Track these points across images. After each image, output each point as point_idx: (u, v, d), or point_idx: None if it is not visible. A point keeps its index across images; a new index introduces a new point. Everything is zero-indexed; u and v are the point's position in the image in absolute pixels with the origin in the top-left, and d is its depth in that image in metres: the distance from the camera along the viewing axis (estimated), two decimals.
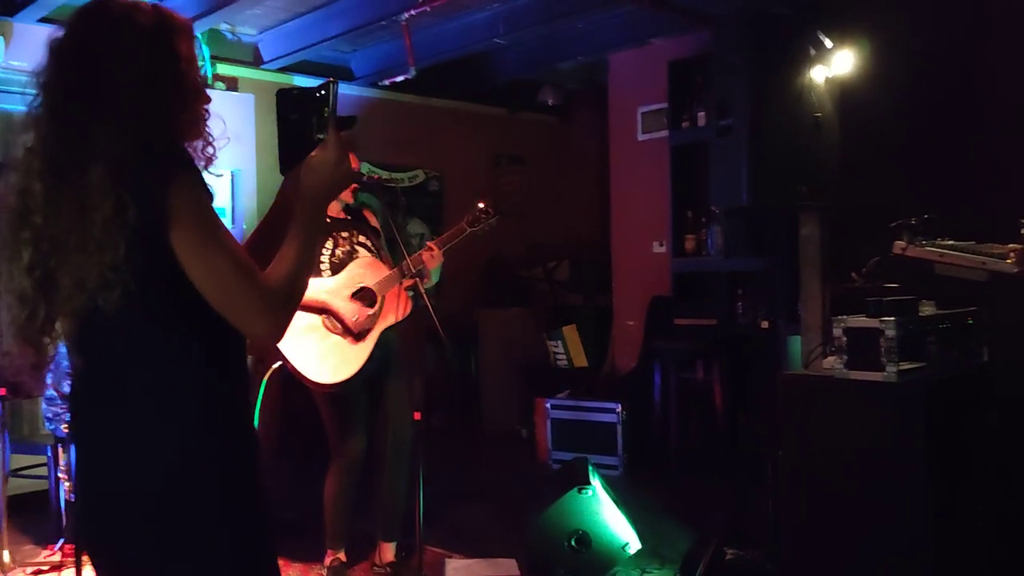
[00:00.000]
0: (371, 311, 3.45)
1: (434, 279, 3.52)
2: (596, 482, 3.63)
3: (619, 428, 5.42)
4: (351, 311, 3.40)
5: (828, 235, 3.64)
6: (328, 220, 3.47)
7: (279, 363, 3.41)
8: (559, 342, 6.40)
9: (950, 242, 2.94)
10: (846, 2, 3.65)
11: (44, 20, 5.02)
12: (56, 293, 1.43)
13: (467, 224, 3.56)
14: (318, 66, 6.34)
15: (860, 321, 2.61)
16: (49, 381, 4.25)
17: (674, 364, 5.42)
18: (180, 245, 1.41)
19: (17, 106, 5.61)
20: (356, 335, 3.40)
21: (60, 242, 1.41)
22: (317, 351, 3.35)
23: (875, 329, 2.55)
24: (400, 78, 5.82)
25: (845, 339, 2.63)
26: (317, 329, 3.37)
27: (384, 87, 6.40)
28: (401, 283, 3.46)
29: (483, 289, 7.32)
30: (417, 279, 3.35)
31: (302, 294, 1.53)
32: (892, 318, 2.54)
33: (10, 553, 3.92)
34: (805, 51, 3.43)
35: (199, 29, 5.07)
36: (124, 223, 1.38)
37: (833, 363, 2.70)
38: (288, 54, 5.95)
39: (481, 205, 3.58)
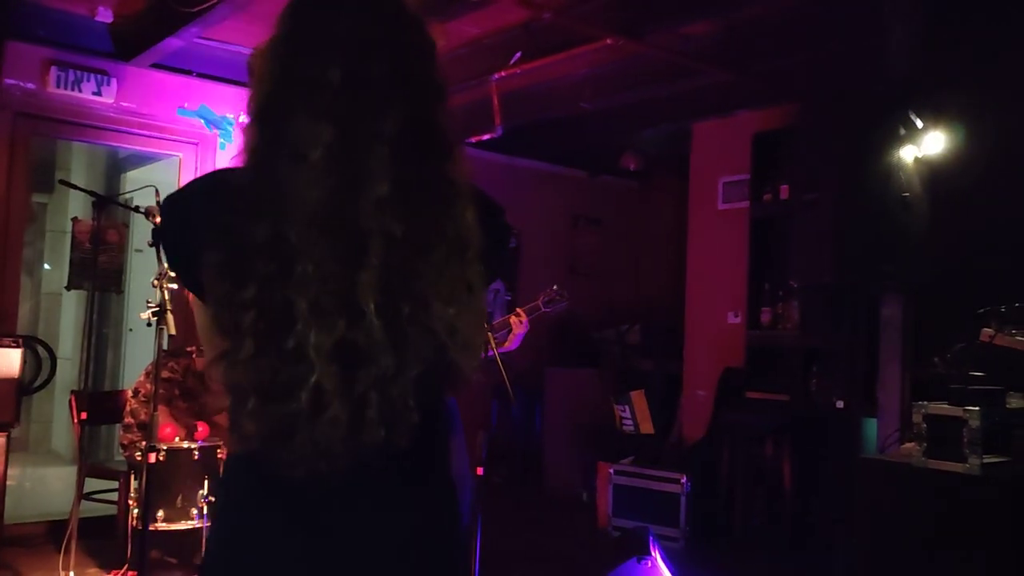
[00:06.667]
0: None
1: (514, 344, 3.59)
2: (656, 553, 3.55)
3: (683, 500, 5.30)
4: None
5: (912, 317, 3.55)
6: None
7: None
8: (627, 407, 6.32)
9: None
10: (938, 83, 3.60)
11: (156, 66, 5.30)
12: (406, 349, 1.11)
13: (542, 304, 3.69)
14: None
15: (942, 408, 2.53)
16: (128, 408, 4.40)
17: (743, 438, 5.30)
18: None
19: (124, 145, 5.85)
20: None
21: (414, 284, 1.11)
22: None
23: (958, 418, 2.47)
24: (486, 137, 5.94)
25: (925, 426, 2.55)
26: None
27: (469, 144, 6.54)
28: None
29: (553, 348, 7.31)
30: (491, 336, 3.38)
31: None
32: (977, 408, 2.45)
33: (76, 575, 4.02)
34: (895, 130, 3.40)
35: None
36: (489, 270, 1.21)
37: (912, 450, 2.62)
38: None
39: (555, 287, 3.71)
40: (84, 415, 4.33)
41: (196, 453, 3.85)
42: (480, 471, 3.24)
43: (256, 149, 1.15)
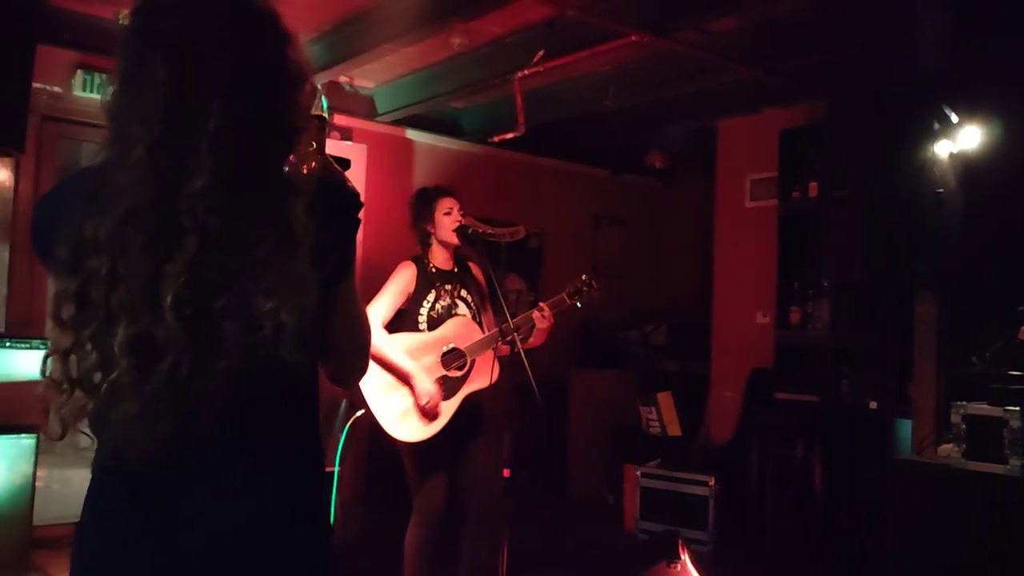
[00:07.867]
0: (458, 374, 3.43)
1: (540, 341, 3.49)
2: (685, 557, 3.49)
3: (711, 502, 5.24)
4: (426, 394, 3.31)
5: (947, 315, 3.47)
6: (434, 270, 3.51)
7: (362, 411, 3.41)
8: (653, 408, 6.26)
9: None
10: (974, 76, 3.52)
11: None
12: (216, 343, 1.10)
13: (567, 296, 3.52)
14: (429, 120, 6.51)
15: (982, 409, 2.47)
16: None
17: (772, 440, 5.22)
18: (343, 294, 1.26)
19: None
20: (428, 415, 3.34)
21: (234, 279, 1.11)
22: (400, 407, 3.34)
23: (999, 418, 2.40)
24: (510, 136, 5.90)
25: (964, 427, 2.49)
26: (403, 386, 3.37)
27: (492, 143, 6.50)
28: (497, 346, 3.42)
29: (577, 349, 7.26)
30: (516, 337, 3.32)
31: None
32: (1018, 408, 2.39)
33: None
34: (928, 125, 3.33)
35: (320, 81, 5.26)
36: (323, 266, 1.17)
37: (950, 451, 2.55)
38: (401, 107, 6.13)
39: (584, 277, 3.54)
40: None
41: None
42: (507, 473, 3.20)
43: (103, 146, 1.20)
